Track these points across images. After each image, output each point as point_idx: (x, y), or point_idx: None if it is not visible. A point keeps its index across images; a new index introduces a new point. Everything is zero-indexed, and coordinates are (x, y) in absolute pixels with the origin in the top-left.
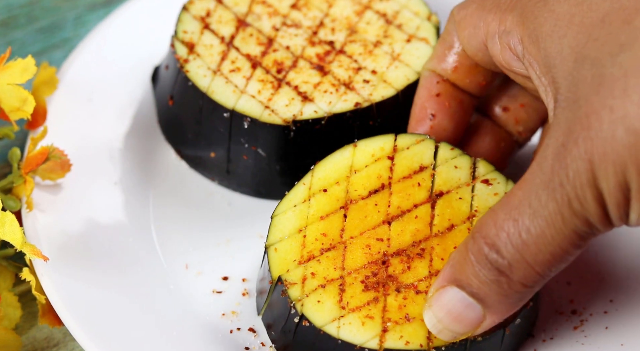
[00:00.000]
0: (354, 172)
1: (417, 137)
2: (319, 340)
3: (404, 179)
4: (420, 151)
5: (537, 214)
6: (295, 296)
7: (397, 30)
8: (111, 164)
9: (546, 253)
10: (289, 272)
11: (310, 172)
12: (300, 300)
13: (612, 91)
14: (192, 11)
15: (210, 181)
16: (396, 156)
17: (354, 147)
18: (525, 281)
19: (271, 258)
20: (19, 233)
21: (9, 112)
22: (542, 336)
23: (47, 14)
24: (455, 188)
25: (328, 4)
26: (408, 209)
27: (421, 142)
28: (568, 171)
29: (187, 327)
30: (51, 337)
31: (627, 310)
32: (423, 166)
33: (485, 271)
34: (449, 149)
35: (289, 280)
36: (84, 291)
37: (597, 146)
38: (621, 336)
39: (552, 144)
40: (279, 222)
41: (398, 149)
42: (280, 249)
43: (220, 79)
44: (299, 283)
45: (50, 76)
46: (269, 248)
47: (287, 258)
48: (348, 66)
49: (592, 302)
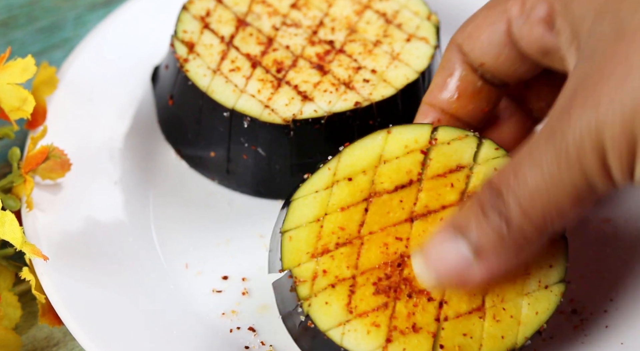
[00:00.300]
0: (383, 162)
1: (460, 133)
2: (321, 342)
3: (437, 177)
4: (461, 149)
5: (535, 163)
6: (303, 294)
7: (396, 29)
8: (111, 163)
9: (542, 204)
10: (300, 266)
11: (337, 156)
12: (308, 300)
13: (629, 43)
14: (192, 11)
15: (210, 180)
16: (433, 150)
17: (387, 134)
18: (523, 233)
19: (284, 246)
20: (18, 232)
21: (9, 112)
22: (543, 336)
23: (47, 14)
24: None
25: (328, 3)
26: (435, 210)
27: (464, 138)
28: (570, 119)
29: (187, 326)
30: (51, 337)
31: (627, 308)
32: (461, 166)
33: (488, 217)
34: (494, 148)
35: (299, 277)
36: (84, 291)
37: (606, 95)
38: (621, 335)
39: (563, 95)
40: (297, 207)
41: (438, 142)
42: (294, 238)
43: (220, 78)
44: (308, 280)
45: (50, 76)
46: (284, 234)
47: (301, 249)
48: (348, 65)
49: (592, 301)
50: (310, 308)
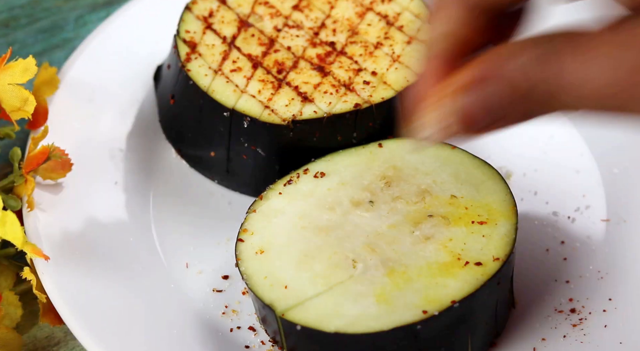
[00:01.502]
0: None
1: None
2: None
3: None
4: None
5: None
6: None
7: (398, 32)
8: (112, 163)
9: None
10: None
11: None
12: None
13: None
14: (195, 11)
15: (210, 180)
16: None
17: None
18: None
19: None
20: (19, 232)
21: (10, 112)
22: (542, 335)
23: (48, 14)
24: None
25: (330, 5)
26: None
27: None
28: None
29: (187, 326)
30: (52, 336)
31: (626, 308)
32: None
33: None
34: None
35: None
36: (85, 290)
37: None
38: (620, 334)
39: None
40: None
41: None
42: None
43: (221, 78)
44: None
45: (51, 76)
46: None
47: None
48: (348, 67)
49: (591, 300)
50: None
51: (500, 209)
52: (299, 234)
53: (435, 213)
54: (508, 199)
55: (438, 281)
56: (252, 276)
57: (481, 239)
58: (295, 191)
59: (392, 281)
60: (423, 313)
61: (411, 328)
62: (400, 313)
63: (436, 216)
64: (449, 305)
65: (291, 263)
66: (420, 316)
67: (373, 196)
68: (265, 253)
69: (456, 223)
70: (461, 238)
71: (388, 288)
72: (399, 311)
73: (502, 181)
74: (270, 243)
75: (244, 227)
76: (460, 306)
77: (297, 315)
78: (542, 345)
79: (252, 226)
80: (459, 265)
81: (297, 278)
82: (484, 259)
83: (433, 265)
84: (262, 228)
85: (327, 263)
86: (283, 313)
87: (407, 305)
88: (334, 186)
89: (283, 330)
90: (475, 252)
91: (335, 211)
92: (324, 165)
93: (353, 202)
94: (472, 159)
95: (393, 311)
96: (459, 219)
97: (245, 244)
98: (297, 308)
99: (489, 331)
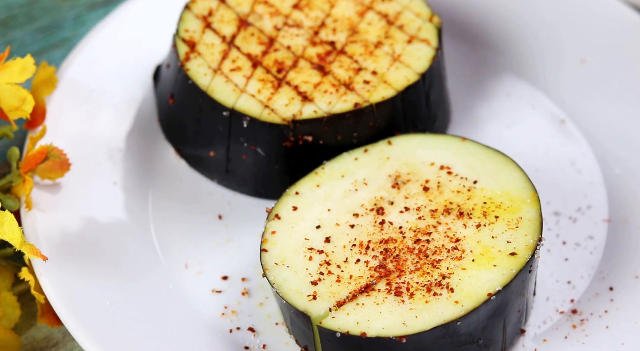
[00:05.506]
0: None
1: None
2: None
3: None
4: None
5: None
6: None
7: (398, 31)
8: (110, 163)
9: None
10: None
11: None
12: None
13: None
14: (195, 10)
15: (209, 180)
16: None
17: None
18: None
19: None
20: (18, 232)
21: (8, 112)
22: (543, 336)
23: (46, 14)
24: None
25: (330, 4)
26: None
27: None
28: None
29: (186, 326)
30: (50, 337)
31: (628, 309)
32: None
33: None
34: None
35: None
36: (83, 291)
37: None
38: (622, 335)
39: None
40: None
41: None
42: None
43: (221, 78)
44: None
45: (50, 75)
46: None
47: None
48: (348, 66)
49: (592, 301)
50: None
51: (522, 196)
52: (323, 240)
53: (457, 207)
54: (528, 185)
55: (472, 274)
56: (282, 285)
57: (509, 229)
58: (312, 196)
59: (426, 279)
60: (461, 307)
61: (451, 325)
62: (439, 311)
63: (459, 209)
64: (486, 298)
65: (320, 270)
66: (459, 313)
67: (391, 196)
68: (290, 261)
69: (481, 215)
70: (489, 229)
71: (422, 287)
72: (438, 309)
73: (518, 168)
74: (295, 250)
75: (265, 237)
76: (497, 298)
77: (334, 322)
78: (543, 346)
79: (274, 235)
80: (491, 257)
81: (329, 284)
82: (516, 249)
83: (466, 259)
84: (284, 236)
85: (357, 266)
86: (320, 320)
87: (444, 302)
88: (350, 188)
89: (319, 337)
90: (504, 242)
91: (357, 212)
92: (337, 167)
93: (373, 202)
94: (483, 149)
95: (431, 309)
96: (482, 211)
97: (269, 254)
98: (334, 314)
99: (519, 319)
